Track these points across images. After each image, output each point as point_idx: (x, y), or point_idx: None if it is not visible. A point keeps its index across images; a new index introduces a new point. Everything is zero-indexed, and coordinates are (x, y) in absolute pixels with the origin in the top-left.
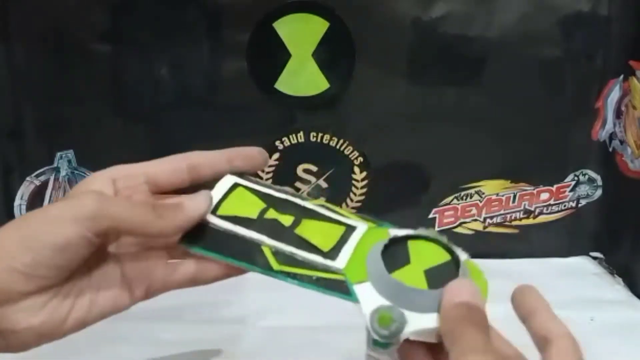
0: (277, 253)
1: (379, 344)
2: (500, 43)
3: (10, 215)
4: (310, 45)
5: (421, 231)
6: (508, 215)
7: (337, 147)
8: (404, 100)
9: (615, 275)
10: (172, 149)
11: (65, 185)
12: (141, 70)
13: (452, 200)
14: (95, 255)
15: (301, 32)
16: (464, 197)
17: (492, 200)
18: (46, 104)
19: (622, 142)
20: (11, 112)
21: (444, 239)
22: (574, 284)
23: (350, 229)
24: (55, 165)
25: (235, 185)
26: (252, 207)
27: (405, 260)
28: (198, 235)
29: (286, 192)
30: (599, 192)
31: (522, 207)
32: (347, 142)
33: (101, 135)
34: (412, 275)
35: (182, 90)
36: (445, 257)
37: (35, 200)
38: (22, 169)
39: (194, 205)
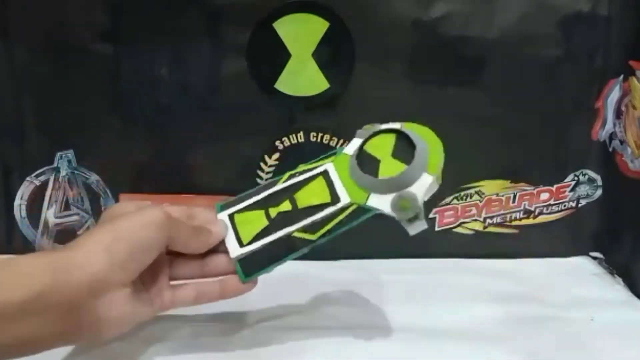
0: (305, 229)
1: (413, 219)
2: (500, 43)
3: (10, 216)
4: (310, 45)
5: (362, 134)
6: (508, 215)
7: (337, 147)
8: (404, 100)
9: (615, 276)
10: (172, 149)
11: (65, 185)
12: (141, 70)
13: (452, 200)
14: None
15: (301, 32)
16: (464, 197)
17: (492, 200)
18: (46, 104)
19: (622, 142)
20: (11, 112)
21: (375, 127)
22: (574, 284)
23: (325, 174)
24: (55, 165)
25: (232, 215)
26: (258, 220)
27: (376, 161)
28: (250, 265)
29: (262, 189)
30: (599, 192)
31: (522, 207)
32: (347, 142)
33: (101, 135)
34: (390, 166)
35: (182, 90)
36: (392, 137)
37: (35, 200)
38: (22, 169)
39: (222, 229)
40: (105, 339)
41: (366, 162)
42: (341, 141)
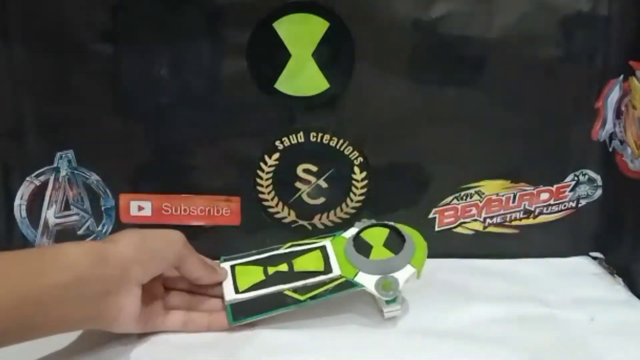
0: (296, 289)
1: (391, 302)
2: (500, 43)
3: (10, 216)
4: (310, 45)
5: (360, 225)
6: (508, 215)
7: (337, 147)
8: (404, 100)
9: (615, 276)
10: (172, 149)
11: (65, 186)
12: (141, 70)
13: (452, 200)
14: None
15: (301, 32)
16: (464, 197)
17: (492, 200)
18: (46, 104)
19: (622, 142)
20: (11, 111)
21: (372, 221)
22: (574, 284)
23: (322, 249)
24: (55, 165)
25: (233, 267)
26: (256, 274)
27: (369, 246)
28: (240, 311)
29: (265, 251)
30: (599, 192)
31: (522, 207)
32: (347, 142)
33: (101, 135)
34: (381, 252)
35: (182, 90)
36: (386, 230)
37: (35, 201)
38: (22, 169)
39: (224, 273)
40: (119, 330)
41: (360, 246)
42: (341, 141)
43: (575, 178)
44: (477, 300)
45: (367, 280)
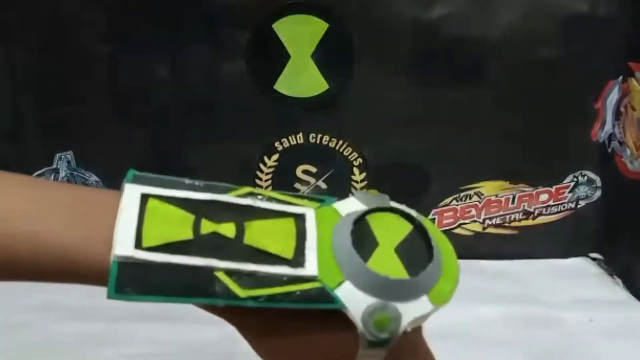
0: (238, 276)
1: (377, 344)
2: (500, 44)
3: None
4: (310, 46)
5: (368, 199)
6: (507, 216)
7: (337, 148)
8: (404, 101)
9: (615, 276)
10: (171, 150)
11: None
12: (141, 71)
13: (451, 201)
14: None
15: (301, 33)
16: (464, 198)
17: (491, 201)
18: (46, 105)
19: (621, 143)
20: (11, 112)
21: (387, 200)
22: (574, 285)
23: (299, 220)
24: (54, 166)
25: (145, 198)
26: (181, 225)
27: (374, 243)
28: (131, 279)
29: (205, 189)
30: (598, 193)
31: (521, 208)
32: (346, 143)
33: (100, 136)
34: (387, 260)
35: (182, 91)
36: (407, 227)
37: None
38: (21, 170)
39: None
40: None
41: (360, 237)
42: (340, 142)
43: (575, 179)
44: (477, 301)
45: (353, 300)
